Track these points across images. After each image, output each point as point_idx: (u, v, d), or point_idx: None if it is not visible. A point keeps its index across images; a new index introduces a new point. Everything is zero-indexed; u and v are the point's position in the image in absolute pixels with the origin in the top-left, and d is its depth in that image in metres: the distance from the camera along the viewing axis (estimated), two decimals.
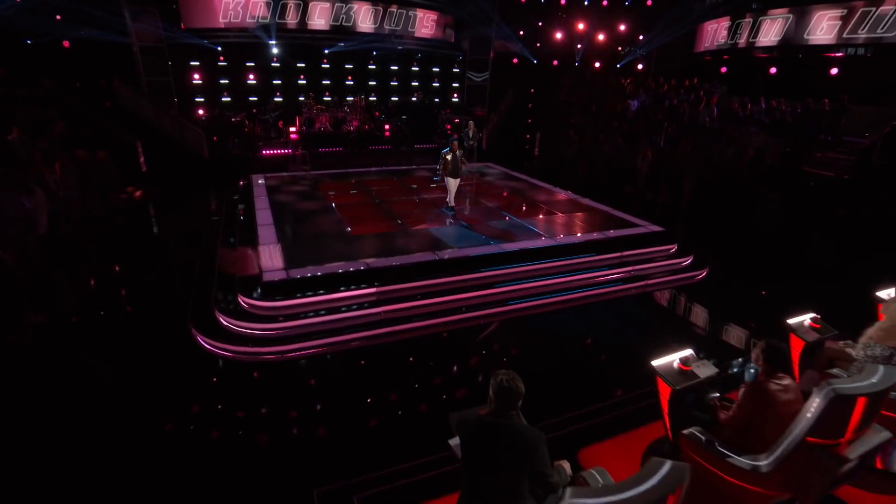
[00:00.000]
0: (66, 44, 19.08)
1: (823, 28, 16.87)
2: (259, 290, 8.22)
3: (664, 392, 4.82)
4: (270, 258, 9.12)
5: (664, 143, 18.05)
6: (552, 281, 9.58)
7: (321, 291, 8.27)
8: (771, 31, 18.38)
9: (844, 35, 16.47)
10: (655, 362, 4.90)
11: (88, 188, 12.53)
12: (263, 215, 11.52)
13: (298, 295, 8.18)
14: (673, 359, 4.98)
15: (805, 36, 17.37)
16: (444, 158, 11.78)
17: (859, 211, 12.84)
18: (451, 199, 12.04)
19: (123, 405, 6.15)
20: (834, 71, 18.22)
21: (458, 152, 11.69)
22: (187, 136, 17.37)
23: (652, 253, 10.91)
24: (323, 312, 8.11)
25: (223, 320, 7.95)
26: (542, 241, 10.44)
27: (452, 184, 11.92)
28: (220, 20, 19.29)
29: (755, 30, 19.07)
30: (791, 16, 17.61)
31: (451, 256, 9.50)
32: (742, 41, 19.64)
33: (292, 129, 20.38)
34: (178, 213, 13.63)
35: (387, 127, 21.51)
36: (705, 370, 4.90)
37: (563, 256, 9.98)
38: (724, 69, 21.73)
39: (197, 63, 21.16)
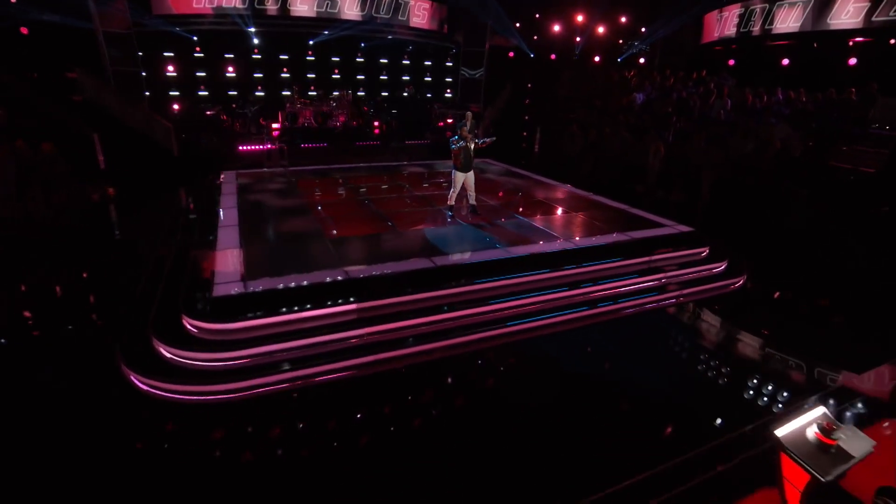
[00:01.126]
0: (24, 30, 17.04)
1: (849, 11, 15.22)
2: (208, 308, 6.34)
3: (795, 479, 3.03)
4: (227, 266, 7.24)
5: (673, 137, 16.35)
6: (573, 293, 7.76)
7: (289, 308, 6.41)
8: (789, 18, 16.73)
9: (874, 18, 14.83)
10: (780, 431, 3.12)
11: (28, 184, 10.59)
12: (227, 216, 9.61)
13: (257, 313, 6.30)
14: (803, 424, 3.19)
15: (828, 20, 15.72)
16: (457, 147, 9.68)
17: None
18: (453, 197, 10.08)
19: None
20: (853, 61, 16.65)
21: (470, 141, 9.74)
22: (156, 131, 15.40)
23: (682, 257, 9.14)
24: (288, 336, 6.25)
25: (163, 349, 6.06)
26: (556, 244, 8.62)
27: (460, 178, 9.89)
28: (194, 4, 17.34)
29: (770, 17, 17.43)
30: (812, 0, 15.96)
31: (450, 263, 7.68)
32: (756, 29, 17.99)
33: (275, 124, 18.54)
34: (136, 216, 11.67)
35: (376, 123, 19.66)
36: (859, 444, 3.11)
37: (583, 262, 8.18)
38: (732, 61, 20.08)
39: (171, 54, 19.16)
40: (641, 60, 22.89)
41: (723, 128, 15.45)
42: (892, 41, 15.72)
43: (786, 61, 18.32)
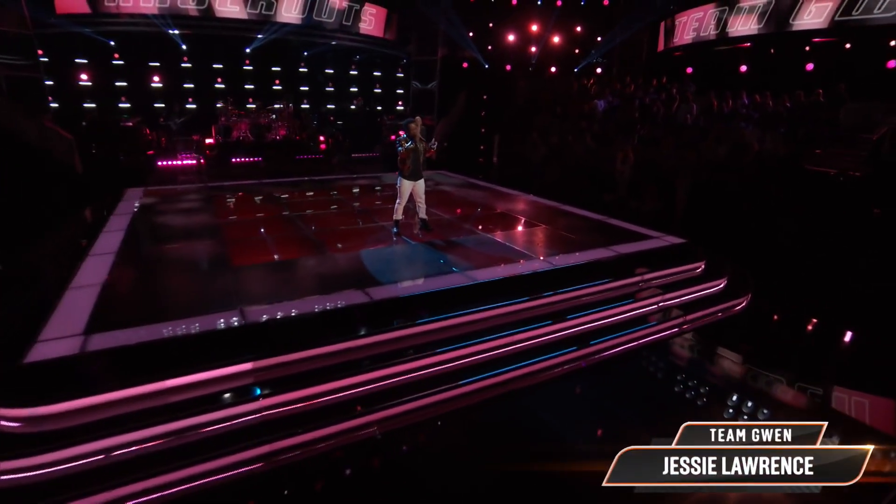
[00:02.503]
0: None
1: (812, 11, 14.17)
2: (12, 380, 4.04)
3: None
4: (68, 313, 4.93)
5: (638, 143, 14.88)
6: (554, 328, 5.78)
7: (146, 374, 4.16)
8: (750, 20, 15.62)
9: (837, 18, 13.79)
10: None
11: None
12: (105, 242, 7.24)
13: (93, 387, 4.02)
14: None
15: (791, 21, 14.63)
16: (404, 149, 7.50)
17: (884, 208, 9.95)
18: (399, 210, 7.87)
19: None
20: (810, 66, 15.72)
21: (420, 141, 7.65)
22: (54, 146, 12.81)
23: (678, 274, 7.34)
24: (143, 419, 3.99)
25: None
26: (529, 265, 6.66)
27: (408, 188, 7.68)
28: (106, 3, 14.84)
29: (726, 21, 16.32)
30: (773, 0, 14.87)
31: (391, 296, 5.59)
32: (713, 34, 16.87)
33: (209, 139, 16.17)
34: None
35: (322, 138, 17.52)
36: None
37: (563, 287, 6.23)
38: (689, 69, 18.95)
39: (84, 60, 16.56)
40: (598, 70, 21.61)
41: (692, 132, 14.06)
42: (848, 45, 14.85)
43: (744, 67, 17.30)
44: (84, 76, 16.59)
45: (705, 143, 13.00)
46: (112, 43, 16.44)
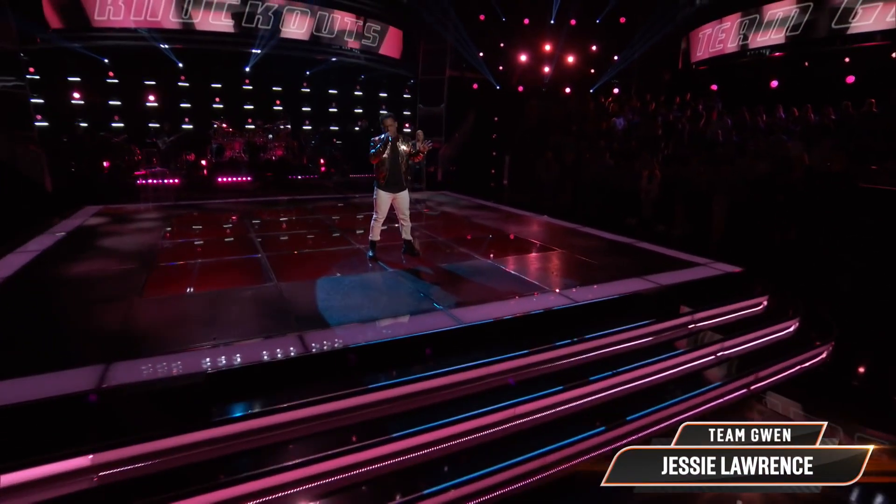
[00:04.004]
0: None
1: (860, 13, 12.32)
2: None
3: None
4: None
5: (663, 162, 13.08)
6: (570, 394, 3.90)
7: None
8: (783, 30, 13.85)
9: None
10: None
11: None
12: (6, 265, 5.60)
13: None
14: None
15: (833, 26, 12.80)
16: (376, 151, 5.83)
17: None
18: (376, 229, 6.10)
19: None
20: (851, 79, 13.86)
21: (401, 143, 5.93)
22: (23, 161, 11.47)
23: (736, 313, 5.42)
24: None
25: None
26: (536, 300, 4.85)
27: (385, 201, 5.93)
28: (95, 17, 13.73)
29: (754, 31, 14.57)
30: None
31: (334, 345, 3.79)
32: (738, 46, 15.12)
33: (203, 161, 14.80)
34: None
35: (322, 161, 16.05)
36: None
37: (584, 333, 4.37)
38: (714, 86, 17.18)
39: (77, 78, 15.44)
40: (616, 90, 19.97)
41: (725, 149, 12.21)
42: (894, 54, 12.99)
43: (775, 83, 15.49)
44: (76, 94, 15.45)
45: (743, 159, 11.14)
46: (106, 60, 15.31)
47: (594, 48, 20.52)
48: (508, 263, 6.12)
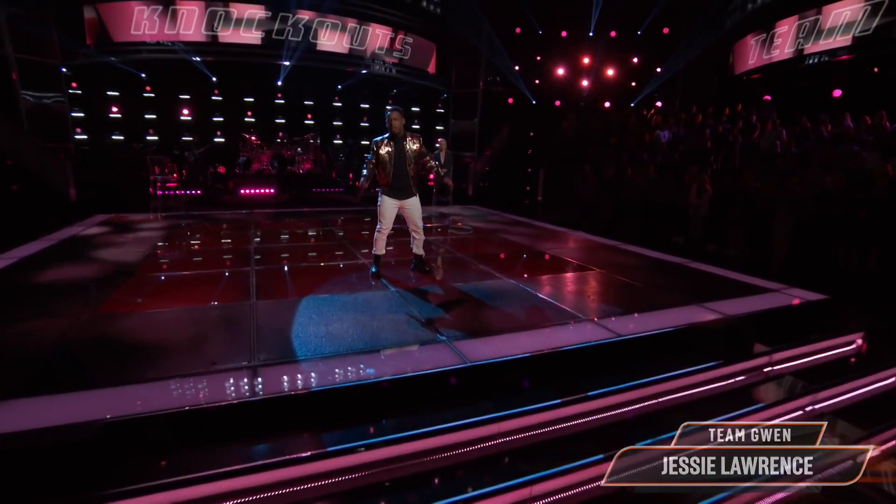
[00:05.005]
0: None
1: None
2: None
3: None
4: None
5: (712, 175, 11.76)
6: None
7: None
8: (850, 30, 12.35)
9: None
10: None
11: None
12: None
13: None
14: None
15: None
16: (374, 152, 4.93)
17: None
18: (380, 241, 5.15)
19: None
20: None
21: (410, 142, 4.96)
22: (49, 170, 11.26)
23: (824, 353, 4.20)
24: None
25: None
26: (567, 332, 3.80)
27: (391, 209, 5.01)
28: (132, 31, 13.65)
29: (813, 35, 13.08)
30: None
31: (296, 387, 2.79)
32: (795, 52, 13.67)
33: (238, 171, 14.43)
34: None
35: (351, 175, 15.45)
36: None
37: (628, 378, 3.30)
38: (768, 97, 15.67)
39: (116, 93, 15.45)
40: (658, 104, 18.68)
41: (786, 161, 10.82)
42: None
43: (838, 92, 13.90)
44: (115, 108, 15.45)
45: (807, 172, 9.75)
46: (143, 75, 15.27)
47: (635, 60, 19.37)
48: (536, 284, 5.08)
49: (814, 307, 4.66)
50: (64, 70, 13.99)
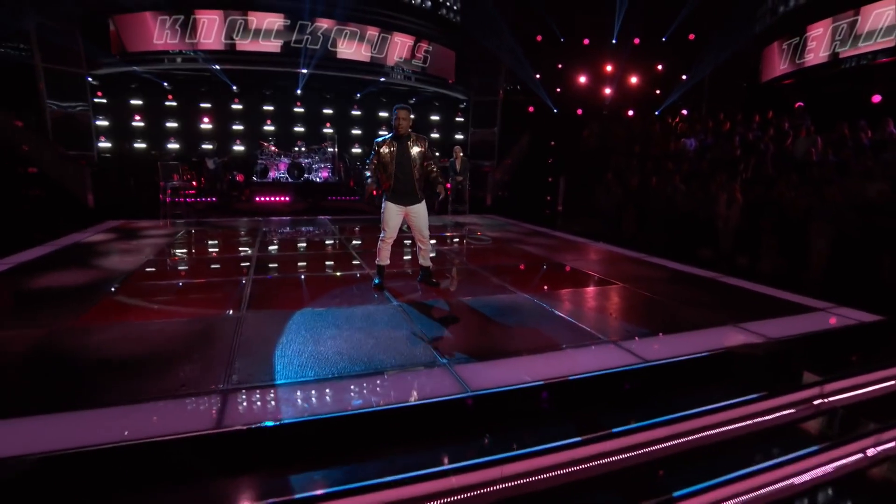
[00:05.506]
0: None
1: None
2: None
3: None
4: None
5: (742, 185, 11.10)
6: None
7: None
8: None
9: None
10: None
11: None
12: None
13: None
14: None
15: None
16: (377, 153, 4.59)
17: None
18: (384, 251, 4.80)
19: None
20: None
21: (415, 143, 4.58)
22: (69, 177, 11.25)
23: (885, 383, 3.64)
24: None
25: None
26: (584, 355, 3.34)
27: (395, 216, 4.63)
28: (154, 41, 13.72)
29: (857, 32, 12.32)
30: None
31: (264, 416, 2.36)
32: (831, 56, 12.93)
33: (254, 179, 14.32)
34: None
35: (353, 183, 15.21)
36: None
37: (655, 413, 2.83)
38: (800, 103, 14.90)
39: (139, 102, 15.56)
40: (684, 112, 18.03)
41: (823, 169, 10.13)
42: None
43: (877, 97, 13.09)
44: (137, 117, 15.56)
45: (848, 180, 9.07)
46: (166, 84, 15.34)
47: (660, 67, 18.78)
48: (553, 300, 4.62)
49: (869, 329, 4.09)
50: (90, 79, 14.12)
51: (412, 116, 4.73)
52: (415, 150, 4.53)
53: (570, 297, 4.85)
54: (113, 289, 4.57)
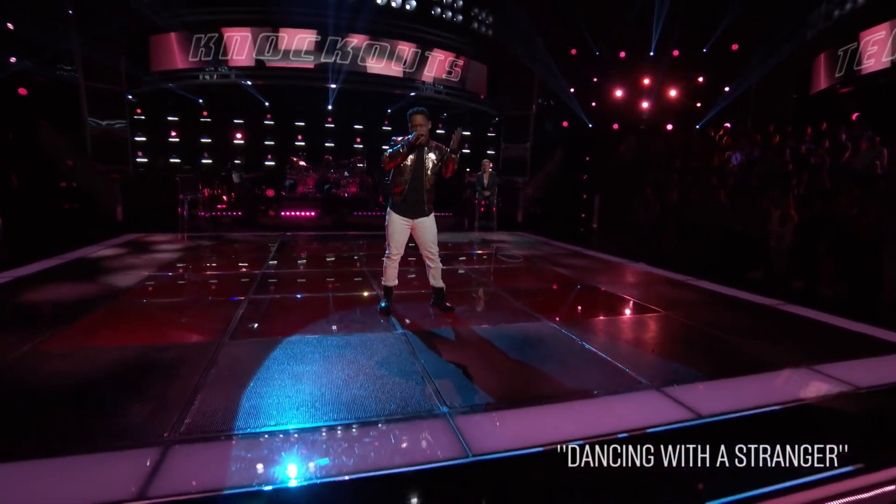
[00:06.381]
0: (22, 91, 14.02)
1: None
2: None
3: None
4: None
5: (797, 201, 10.07)
6: None
7: None
8: None
9: None
10: None
11: None
12: None
13: None
14: None
15: None
16: (389, 154, 4.09)
17: None
18: (390, 270, 4.28)
19: None
20: None
21: (431, 151, 4.12)
22: (100, 192, 11.29)
23: None
24: None
25: None
26: (628, 406, 2.64)
27: (401, 229, 4.12)
28: (190, 58, 13.84)
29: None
30: None
31: (202, 483, 1.80)
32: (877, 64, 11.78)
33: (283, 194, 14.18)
34: None
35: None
36: None
37: (737, 491, 2.13)
38: (857, 113, 13.67)
39: (175, 118, 15.76)
40: (727, 124, 16.99)
41: (892, 184, 9.06)
42: None
43: None
44: (173, 133, 15.76)
45: None
46: (201, 101, 15.48)
47: (700, 79, 17.81)
48: (584, 330, 3.95)
49: None
50: (130, 97, 14.36)
51: (430, 119, 4.21)
52: (430, 158, 4.00)
53: (603, 326, 4.17)
54: (96, 309, 4.18)
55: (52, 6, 12.67)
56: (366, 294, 4.98)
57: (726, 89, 17.04)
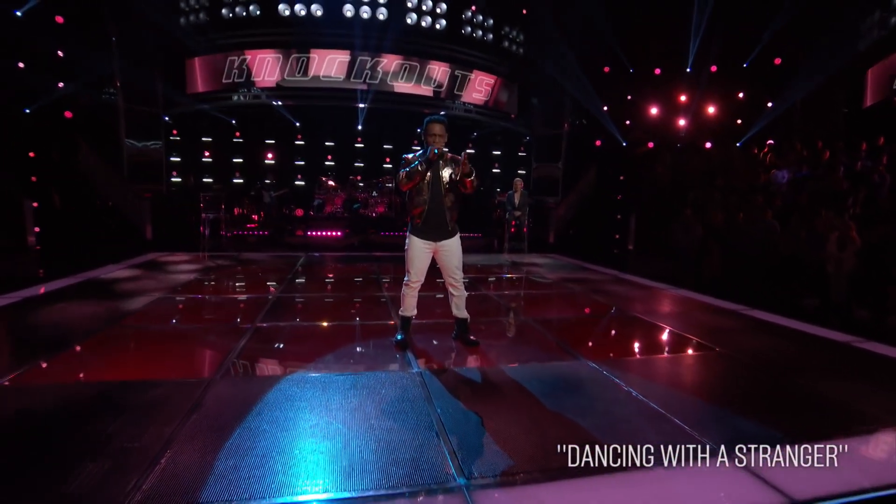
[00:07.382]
0: (68, 114, 14.40)
1: None
2: None
3: None
4: None
5: (855, 222, 9.16)
6: None
7: None
8: None
9: None
10: None
11: None
12: None
13: None
14: None
15: None
16: (406, 173, 3.55)
17: None
18: (408, 299, 3.74)
19: None
20: None
21: (447, 165, 3.65)
22: (130, 210, 11.33)
23: None
24: None
25: None
26: (693, 486, 2.00)
27: (422, 254, 3.59)
28: (223, 80, 13.97)
29: None
30: None
31: None
32: None
33: (312, 213, 14.07)
34: None
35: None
36: None
37: None
38: None
39: (209, 139, 15.94)
40: (770, 141, 16.05)
41: None
42: None
43: None
44: (207, 153, 15.94)
45: None
46: (234, 122, 15.63)
47: (741, 95, 16.96)
48: (628, 371, 3.37)
49: None
50: (166, 118, 14.59)
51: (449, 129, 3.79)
52: (446, 173, 3.57)
53: (650, 366, 3.58)
54: (93, 335, 3.86)
55: (97, 33, 13.05)
56: (383, 323, 4.53)
57: (769, 105, 16.16)
